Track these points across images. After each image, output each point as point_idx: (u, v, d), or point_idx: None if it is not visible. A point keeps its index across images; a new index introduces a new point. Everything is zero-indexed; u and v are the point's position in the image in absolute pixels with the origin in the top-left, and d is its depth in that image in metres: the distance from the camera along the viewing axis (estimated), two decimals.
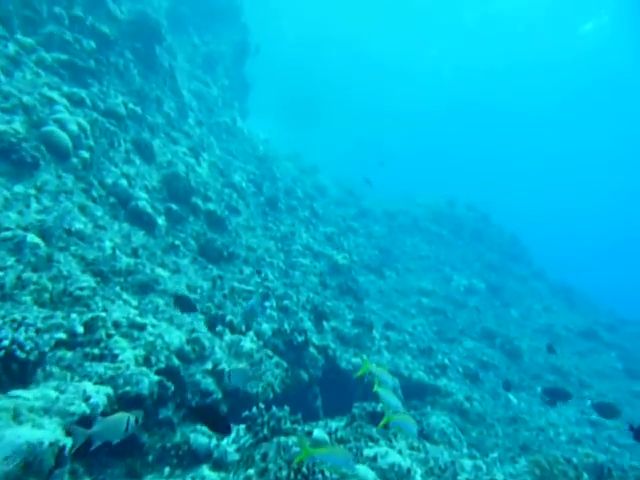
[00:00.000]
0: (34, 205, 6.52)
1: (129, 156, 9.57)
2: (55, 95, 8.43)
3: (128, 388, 4.80)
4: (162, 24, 14.29)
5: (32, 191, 6.66)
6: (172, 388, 5.51)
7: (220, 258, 9.60)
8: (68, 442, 3.56)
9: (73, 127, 7.77)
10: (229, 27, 26.30)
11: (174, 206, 9.63)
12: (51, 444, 3.42)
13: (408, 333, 14.17)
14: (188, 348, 6.41)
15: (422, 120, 74.11)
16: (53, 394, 4.06)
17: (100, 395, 4.38)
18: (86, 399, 4.22)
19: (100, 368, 4.81)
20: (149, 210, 8.45)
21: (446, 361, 12.35)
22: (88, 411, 4.12)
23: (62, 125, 7.62)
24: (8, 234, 5.66)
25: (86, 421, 4.06)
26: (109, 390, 4.57)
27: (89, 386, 4.41)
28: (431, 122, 74.38)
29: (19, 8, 10.09)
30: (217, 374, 6.49)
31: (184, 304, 6.61)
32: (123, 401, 4.73)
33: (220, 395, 6.26)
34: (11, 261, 5.43)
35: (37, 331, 4.26)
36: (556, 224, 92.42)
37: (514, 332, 19.42)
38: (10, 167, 6.71)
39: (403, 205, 30.19)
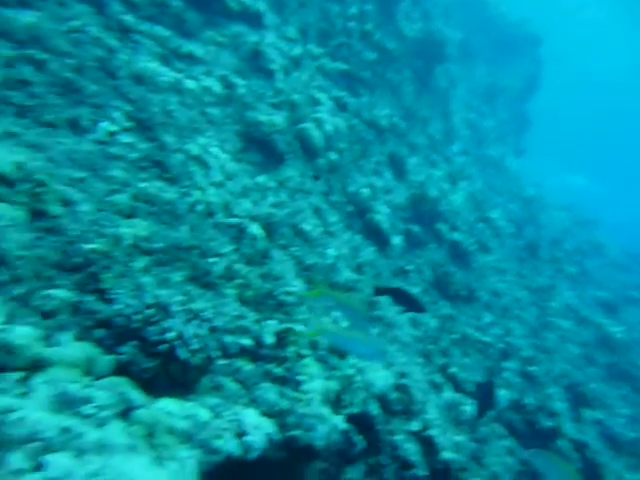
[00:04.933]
0: (270, 198, 6.18)
1: (379, 168, 8.86)
2: (322, 97, 8.28)
3: (296, 432, 3.65)
4: (447, 43, 13.51)
5: (272, 184, 6.37)
6: (360, 446, 4.22)
7: (457, 297, 7.97)
8: None
9: (329, 127, 7.39)
10: (520, 60, 24.24)
11: (416, 228, 8.46)
12: None
13: None
14: (394, 396, 5.02)
15: None
16: (205, 416, 3.17)
17: (258, 434, 3.31)
18: (240, 434, 3.22)
19: (272, 395, 3.79)
20: (385, 226, 7.46)
21: None
22: (236, 453, 3.11)
23: (319, 124, 7.29)
24: (234, 221, 5.33)
25: (231, 466, 3.08)
26: (271, 429, 3.47)
27: (250, 417, 3.39)
28: None
29: (318, 21, 10.58)
30: (424, 441, 4.94)
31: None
32: (287, 448, 3.61)
33: (423, 472, 4.68)
34: (228, 249, 5.02)
35: (211, 330, 3.51)
36: None
37: None
38: (261, 158, 6.58)
39: None
